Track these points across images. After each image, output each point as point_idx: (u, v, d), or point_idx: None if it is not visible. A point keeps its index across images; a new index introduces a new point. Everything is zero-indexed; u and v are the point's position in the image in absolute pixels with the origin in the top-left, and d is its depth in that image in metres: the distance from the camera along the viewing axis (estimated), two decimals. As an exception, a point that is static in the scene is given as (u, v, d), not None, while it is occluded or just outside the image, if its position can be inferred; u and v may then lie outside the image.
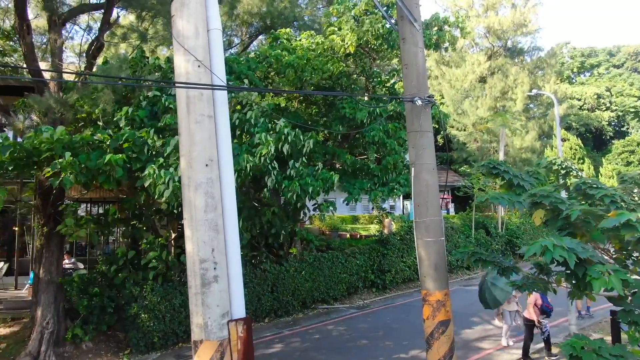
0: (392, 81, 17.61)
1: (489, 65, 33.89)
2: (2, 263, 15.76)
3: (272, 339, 12.05)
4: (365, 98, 15.40)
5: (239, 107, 11.33)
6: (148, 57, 12.25)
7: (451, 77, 35.33)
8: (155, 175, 8.86)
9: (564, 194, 6.56)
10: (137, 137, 9.27)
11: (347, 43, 13.55)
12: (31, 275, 13.80)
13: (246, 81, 12.57)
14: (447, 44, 14.89)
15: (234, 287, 5.07)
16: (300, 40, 15.96)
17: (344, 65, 15.47)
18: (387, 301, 16.29)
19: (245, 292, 6.96)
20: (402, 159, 14.35)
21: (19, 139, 10.95)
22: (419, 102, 6.46)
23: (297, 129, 11.18)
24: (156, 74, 11.61)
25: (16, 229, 15.78)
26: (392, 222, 19.22)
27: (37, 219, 12.58)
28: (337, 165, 15.18)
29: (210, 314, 4.78)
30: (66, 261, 13.77)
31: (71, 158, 8.69)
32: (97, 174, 9.19)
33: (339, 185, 12.62)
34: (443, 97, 35.49)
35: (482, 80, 34.33)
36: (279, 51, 14.19)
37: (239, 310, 5.07)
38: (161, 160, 9.25)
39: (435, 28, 14.59)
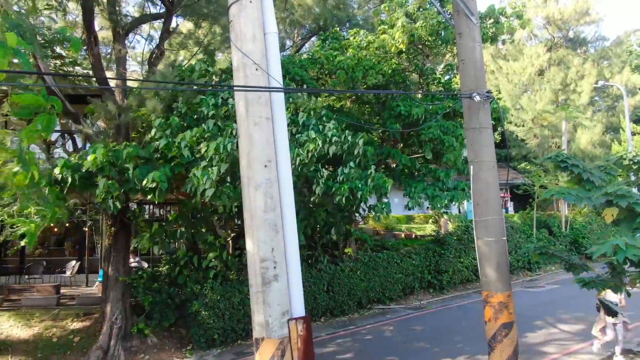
0: (445, 77, 17.25)
1: (549, 57, 32.42)
2: (74, 261, 16.76)
3: (328, 339, 12.11)
4: (419, 95, 15.16)
5: (291, 107, 11.45)
6: (208, 64, 12.62)
7: (508, 71, 34.09)
8: (196, 178, 9.07)
9: (635, 191, 6.18)
10: (173, 143, 9.50)
11: (398, 40, 13.38)
12: (100, 273, 14.62)
13: (298, 85, 12.72)
14: (504, 36, 14.39)
15: (293, 286, 5.14)
16: (349, 39, 15.95)
17: (397, 63, 15.30)
18: (445, 302, 15.95)
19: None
20: (461, 156, 13.97)
21: (87, 146, 11.61)
22: (477, 98, 6.29)
23: (346, 130, 11.16)
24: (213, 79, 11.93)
25: (86, 229, 16.75)
26: (449, 222, 18.81)
27: (105, 220, 13.31)
28: (393, 165, 15.03)
29: (271, 312, 4.87)
30: (132, 260, 14.47)
31: (109, 182, 9.20)
32: (144, 189, 9.56)
33: (396, 187, 12.38)
34: (500, 92, 34.30)
35: (541, 73, 32.88)
36: (331, 51, 14.23)
37: (299, 309, 5.13)
38: (204, 163, 9.38)
39: (491, 20, 14.15)
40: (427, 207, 24.97)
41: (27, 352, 11.08)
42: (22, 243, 7.04)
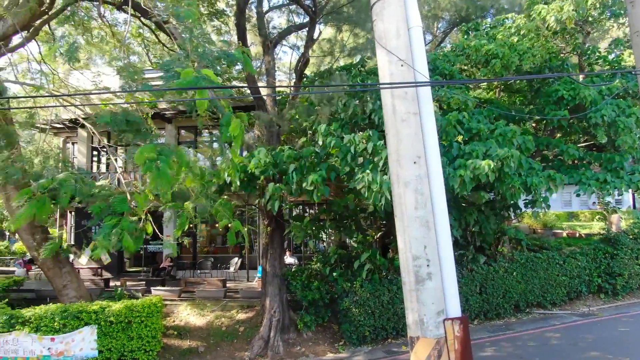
0: (610, 56, 15.18)
1: None
2: (237, 258, 18.46)
3: (483, 342, 11.49)
4: (581, 77, 13.58)
5: (436, 103, 11.12)
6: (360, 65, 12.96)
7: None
8: (367, 180, 9.12)
9: None
10: (343, 145, 9.76)
11: (563, 16, 12.03)
12: (259, 269, 15.86)
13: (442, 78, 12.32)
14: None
15: (447, 285, 4.97)
16: (495, 26, 14.93)
17: (552, 45, 13.91)
18: (619, 310, 14.03)
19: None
20: (638, 139, 12.14)
21: (245, 152, 12.75)
22: (660, 73, 5.41)
23: (499, 122, 10.46)
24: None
25: (245, 228, 18.34)
26: (622, 219, 16.53)
27: (262, 219, 14.42)
28: (551, 156, 13.70)
29: (425, 311, 4.77)
30: (287, 257, 15.45)
31: (276, 186, 9.78)
32: (305, 191, 10.08)
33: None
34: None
35: None
36: (478, 41, 13.48)
37: (454, 309, 4.94)
38: (373, 164, 9.45)
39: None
40: (593, 202, 22.30)
41: (202, 338, 12.48)
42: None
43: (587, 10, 12.21)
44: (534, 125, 15.39)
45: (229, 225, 7.98)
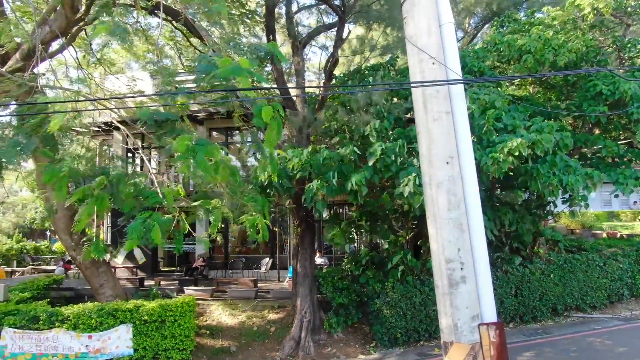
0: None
1: None
2: (268, 259, 18.58)
3: (519, 346, 11.17)
4: (621, 71, 13.04)
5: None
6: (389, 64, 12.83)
7: None
8: (413, 184, 8.93)
9: None
10: (389, 149, 9.65)
11: (600, 4, 11.55)
12: (290, 269, 15.91)
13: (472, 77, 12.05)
14: None
15: (482, 288, 4.82)
16: (530, 19, 14.50)
17: (590, 38, 13.42)
18: (666, 314, 13.43)
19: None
20: None
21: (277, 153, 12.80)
22: None
23: (534, 118, 10.15)
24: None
25: (276, 229, 18.43)
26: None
27: (292, 220, 14.45)
28: (589, 154, 13.22)
29: (459, 316, 4.64)
30: (318, 257, 15.43)
31: (319, 183, 9.75)
32: (347, 192, 10.03)
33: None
34: None
35: None
36: (510, 36, 13.12)
37: (490, 313, 4.79)
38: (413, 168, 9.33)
39: None
40: (635, 202, 21.43)
41: (234, 338, 12.60)
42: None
43: (625, 0, 11.70)
44: (570, 122, 14.89)
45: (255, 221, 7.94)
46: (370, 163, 9.66)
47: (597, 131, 13.99)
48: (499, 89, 11.42)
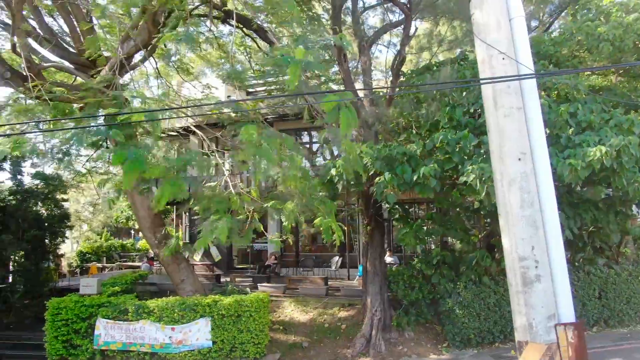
0: None
1: None
2: (337, 257, 18.78)
3: (604, 352, 10.51)
4: None
5: (544, 93, 10.42)
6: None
7: None
8: (478, 172, 8.65)
9: None
10: (451, 139, 9.50)
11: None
12: (359, 268, 16.00)
13: (551, 66, 11.50)
14: None
15: (559, 288, 4.68)
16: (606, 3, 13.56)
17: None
18: None
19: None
20: None
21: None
22: None
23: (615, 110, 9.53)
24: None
25: (345, 228, 18.60)
26: None
27: (362, 218, 14.54)
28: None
29: (534, 315, 4.54)
30: (387, 256, 15.41)
31: (390, 176, 9.76)
32: (414, 185, 9.98)
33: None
34: None
35: None
36: (588, 23, 12.35)
37: (567, 313, 4.64)
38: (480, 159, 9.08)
39: None
40: None
41: (305, 334, 12.90)
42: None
43: None
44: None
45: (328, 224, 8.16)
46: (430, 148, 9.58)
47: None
48: (577, 79, 10.80)
